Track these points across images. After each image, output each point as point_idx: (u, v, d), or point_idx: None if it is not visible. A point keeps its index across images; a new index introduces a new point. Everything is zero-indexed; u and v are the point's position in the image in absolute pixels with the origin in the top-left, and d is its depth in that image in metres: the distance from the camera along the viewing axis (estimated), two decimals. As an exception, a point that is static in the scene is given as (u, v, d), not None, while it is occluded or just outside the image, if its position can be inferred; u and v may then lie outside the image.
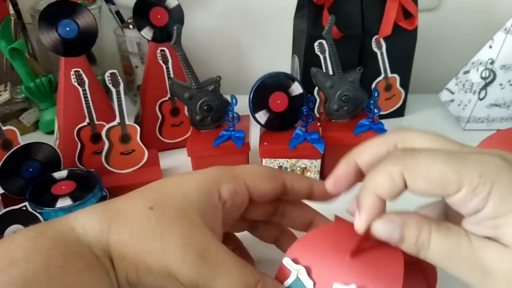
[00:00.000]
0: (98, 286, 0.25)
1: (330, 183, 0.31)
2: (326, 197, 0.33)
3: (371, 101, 0.47)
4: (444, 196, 0.25)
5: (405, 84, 0.65)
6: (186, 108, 0.50)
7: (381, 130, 0.48)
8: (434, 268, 0.30)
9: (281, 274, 0.29)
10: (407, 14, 0.60)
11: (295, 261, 0.29)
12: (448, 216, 0.30)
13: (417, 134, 0.28)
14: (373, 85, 0.63)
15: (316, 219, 0.35)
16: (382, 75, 0.63)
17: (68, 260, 0.25)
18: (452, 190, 0.24)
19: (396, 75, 0.64)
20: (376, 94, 0.47)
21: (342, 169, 0.31)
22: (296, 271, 0.29)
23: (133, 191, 0.31)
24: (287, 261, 0.29)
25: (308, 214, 0.35)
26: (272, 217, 0.35)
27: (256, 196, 0.32)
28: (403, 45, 0.62)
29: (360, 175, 0.30)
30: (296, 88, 0.48)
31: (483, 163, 0.23)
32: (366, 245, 0.27)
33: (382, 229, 0.26)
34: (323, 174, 0.51)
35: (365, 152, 0.30)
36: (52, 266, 0.24)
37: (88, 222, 0.27)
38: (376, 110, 0.47)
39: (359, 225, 0.26)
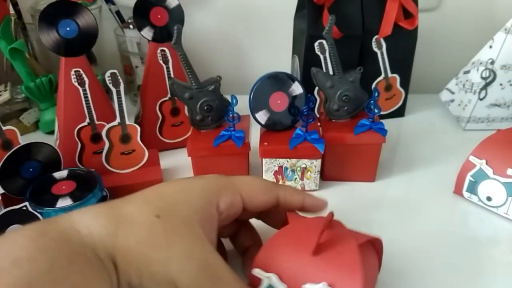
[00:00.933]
0: (100, 287, 0.25)
1: None
2: (317, 210, 0.37)
3: (371, 101, 0.47)
4: None
5: (405, 84, 0.65)
6: (186, 108, 0.50)
7: (381, 130, 0.48)
8: (379, 238, 0.34)
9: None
10: (407, 14, 0.60)
11: (264, 269, 0.31)
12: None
13: None
14: (373, 85, 0.63)
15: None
16: (382, 75, 0.63)
17: (72, 261, 0.25)
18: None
19: (396, 75, 0.64)
20: (376, 94, 0.47)
21: None
22: (267, 279, 0.30)
23: (137, 195, 0.31)
24: (257, 271, 0.31)
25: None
26: (258, 217, 0.39)
27: (250, 207, 0.34)
28: (403, 45, 0.62)
29: None
30: (296, 88, 0.48)
31: None
32: (323, 240, 0.30)
33: None
34: (323, 174, 0.51)
35: None
36: (57, 266, 0.24)
37: (93, 224, 0.27)
38: (376, 110, 0.47)
39: None
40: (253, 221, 0.40)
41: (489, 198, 0.43)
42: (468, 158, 0.41)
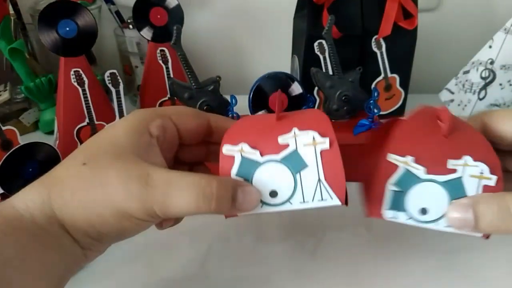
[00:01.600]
0: (41, 255, 0.25)
1: None
2: None
3: (371, 101, 0.47)
4: None
5: (405, 84, 0.65)
6: (186, 108, 0.50)
7: None
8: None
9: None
10: (407, 14, 0.60)
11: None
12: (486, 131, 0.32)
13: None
14: (373, 85, 0.63)
15: None
16: (382, 75, 0.63)
17: (6, 235, 0.25)
18: None
19: (396, 75, 0.64)
20: (376, 94, 0.47)
21: None
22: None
23: (66, 157, 0.31)
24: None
25: None
26: (206, 159, 0.37)
27: (184, 133, 0.33)
28: (403, 45, 0.62)
29: None
30: (296, 88, 0.48)
31: None
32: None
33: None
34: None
35: None
36: None
37: (28, 197, 0.27)
38: (376, 110, 0.47)
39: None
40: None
41: (423, 211, 0.29)
42: (385, 158, 0.29)
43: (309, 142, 0.29)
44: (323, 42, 0.51)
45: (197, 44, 0.75)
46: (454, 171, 0.28)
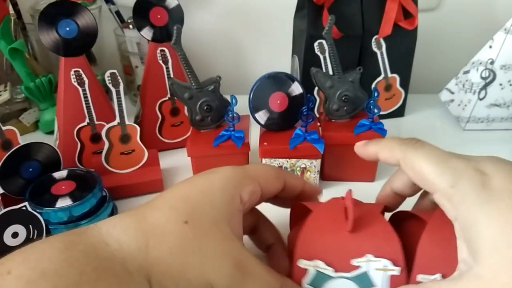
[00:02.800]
0: None
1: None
2: (314, 195, 0.38)
3: (371, 101, 0.47)
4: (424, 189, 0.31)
5: (405, 84, 0.65)
6: (186, 108, 0.50)
7: (381, 130, 0.48)
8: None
9: (298, 276, 0.32)
10: (407, 14, 0.60)
11: (307, 259, 0.32)
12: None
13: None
14: (373, 85, 0.63)
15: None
16: (382, 75, 0.63)
17: (99, 276, 0.24)
18: (430, 190, 0.29)
19: (396, 75, 0.64)
20: (376, 94, 0.47)
21: (381, 197, 0.38)
22: (313, 267, 0.32)
23: (161, 200, 0.31)
24: (301, 262, 0.32)
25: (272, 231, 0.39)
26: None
27: (266, 193, 0.34)
28: (403, 45, 0.62)
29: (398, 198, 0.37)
30: (296, 88, 0.48)
31: (460, 174, 0.28)
32: (353, 216, 0.31)
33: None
34: (323, 174, 0.51)
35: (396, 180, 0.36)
36: (84, 281, 0.24)
37: (123, 238, 0.27)
38: (376, 110, 0.47)
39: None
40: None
41: None
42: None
43: (380, 267, 0.31)
44: (323, 42, 0.51)
45: (197, 44, 0.75)
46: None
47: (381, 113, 0.63)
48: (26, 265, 0.23)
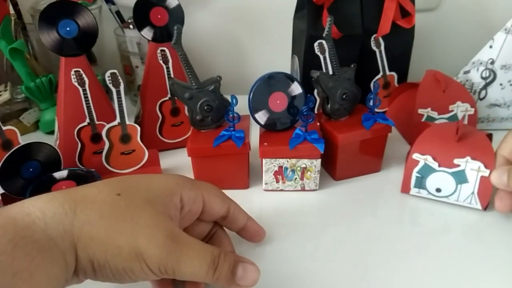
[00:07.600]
0: (49, 269, 0.25)
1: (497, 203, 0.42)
2: (255, 234, 0.39)
3: (371, 95, 0.48)
4: None
5: (403, 81, 0.65)
6: (186, 108, 0.50)
7: (387, 121, 0.49)
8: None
9: (411, 165, 0.45)
10: (405, 13, 0.60)
11: (420, 153, 0.45)
12: None
13: None
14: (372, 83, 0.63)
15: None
16: (381, 73, 0.63)
17: (17, 245, 0.24)
18: None
19: (394, 73, 0.64)
20: (376, 87, 0.49)
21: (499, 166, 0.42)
22: (423, 159, 0.44)
23: (96, 181, 0.31)
24: (415, 155, 0.45)
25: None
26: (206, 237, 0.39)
27: (207, 210, 0.35)
28: (401, 43, 0.62)
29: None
30: (296, 88, 0.48)
31: None
32: (462, 133, 0.44)
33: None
34: (336, 175, 0.52)
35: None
36: (0, 253, 0.24)
37: (46, 205, 0.27)
38: (377, 103, 0.49)
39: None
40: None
41: (438, 190, 0.45)
42: (411, 156, 0.45)
43: (475, 168, 0.43)
44: (323, 42, 0.51)
45: (197, 44, 0.75)
46: (458, 165, 0.43)
47: (380, 110, 0.63)
48: None
